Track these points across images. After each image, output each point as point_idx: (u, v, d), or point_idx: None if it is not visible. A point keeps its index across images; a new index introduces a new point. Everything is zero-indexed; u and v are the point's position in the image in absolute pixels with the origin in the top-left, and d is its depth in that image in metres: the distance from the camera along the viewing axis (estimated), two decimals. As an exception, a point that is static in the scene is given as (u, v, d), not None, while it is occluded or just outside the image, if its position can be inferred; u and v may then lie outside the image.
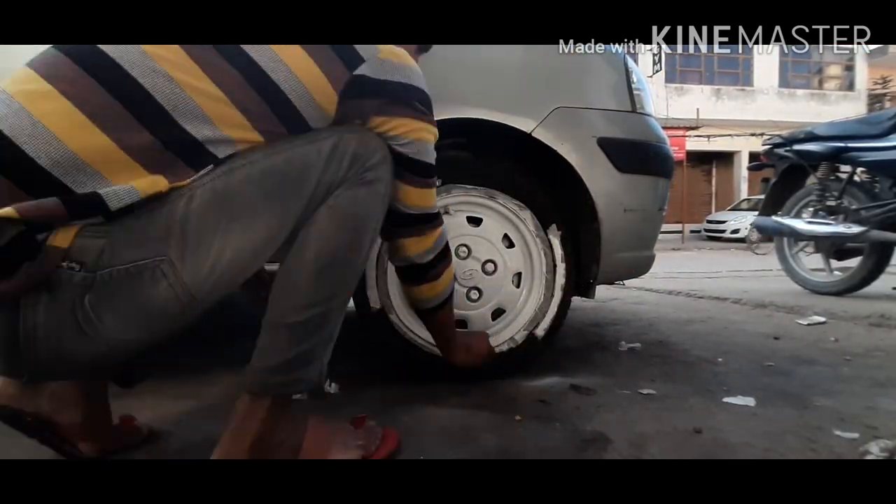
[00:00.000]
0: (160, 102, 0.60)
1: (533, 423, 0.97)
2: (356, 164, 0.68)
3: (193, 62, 0.61)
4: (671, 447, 0.86)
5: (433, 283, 0.89)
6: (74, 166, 0.56)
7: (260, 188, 0.64)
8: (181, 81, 0.60)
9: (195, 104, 0.61)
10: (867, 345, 1.62)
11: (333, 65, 0.67)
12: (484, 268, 1.21)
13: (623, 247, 1.29)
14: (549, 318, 1.25)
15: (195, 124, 0.61)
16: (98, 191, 0.56)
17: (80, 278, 0.57)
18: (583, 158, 1.20)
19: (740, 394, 1.11)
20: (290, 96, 0.65)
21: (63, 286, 0.56)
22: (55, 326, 0.57)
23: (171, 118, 0.60)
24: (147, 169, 0.59)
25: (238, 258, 0.63)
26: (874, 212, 2.59)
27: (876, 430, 0.92)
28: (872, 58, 16.20)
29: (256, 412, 0.71)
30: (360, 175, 0.69)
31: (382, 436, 0.84)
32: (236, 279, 0.65)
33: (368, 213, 0.71)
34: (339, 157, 0.67)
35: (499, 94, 1.17)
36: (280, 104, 0.65)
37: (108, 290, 0.58)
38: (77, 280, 0.57)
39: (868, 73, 17.05)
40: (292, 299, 0.69)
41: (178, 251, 0.60)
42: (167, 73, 0.60)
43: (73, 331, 0.58)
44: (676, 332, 1.83)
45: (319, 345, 0.72)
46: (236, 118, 0.63)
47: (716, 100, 16.07)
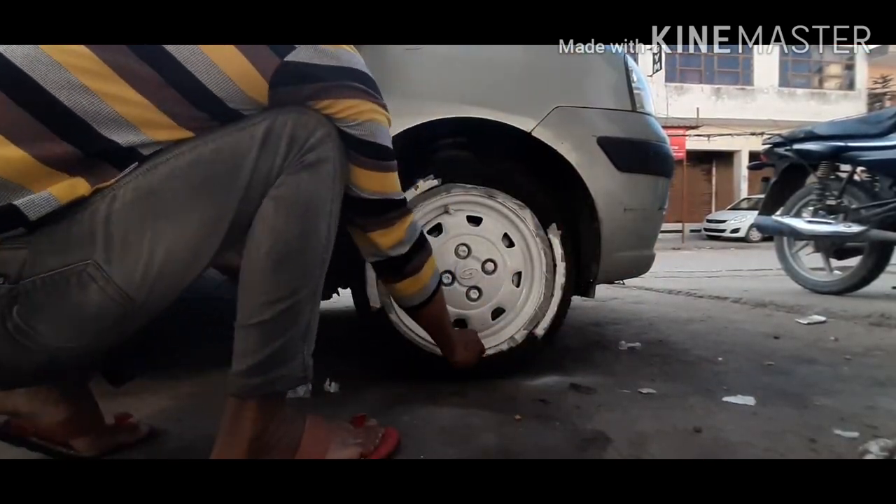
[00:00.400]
0: (80, 116, 0.57)
1: (533, 422, 0.97)
2: (294, 147, 0.65)
3: (108, 67, 0.58)
4: (671, 447, 0.86)
5: (414, 278, 0.87)
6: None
7: (187, 182, 0.61)
8: (99, 91, 0.57)
9: (117, 113, 0.58)
10: (867, 344, 1.62)
11: (261, 53, 0.63)
12: (484, 267, 1.21)
13: (623, 246, 1.29)
14: (549, 318, 1.25)
15: (119, 132, 0.58)
16: (14, 202, 0.54)
17: (4, 290, 0.56)
18: (583, 157, 1.20)
19: (740, 393, 1.11)
20: (214, 91, 0.61)
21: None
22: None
23: (93, 130, 0.57)
24: (68, 173, 0.57)
25: (174, 257, 0.61)
26: (874, 211, 2.59)
27: (876, 429, 0.92)
28: (872, 57, 16.18)
29: (245, 414, 0.70)
30: (301, 158, 0.66)
31: (383, 435, 0.84)
32: (180, 278, 0.63)
33: (317, 197, 0.67)
34: (275, 140, 0.64)
35: (499, 94, 1.17)
36: (205, 100, 0.61)
37: (36, 299, 0.57)
38: (2, 293, 0.56)
39: (868, 73, 17.04)
40: (254, 298, 0.67)
41: (105, 253, 0.58)
42: (83, 85, 0.57)
43: (6, 342, 0.57)
44: (676, 332, 1.83)
45: (295, 339, 0.70)
46: (162, 120, 0.60)
47: (716, 99, 16.06)
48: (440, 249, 1.19)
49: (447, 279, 1.20)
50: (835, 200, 2.75)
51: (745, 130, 15.21)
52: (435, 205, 1.21)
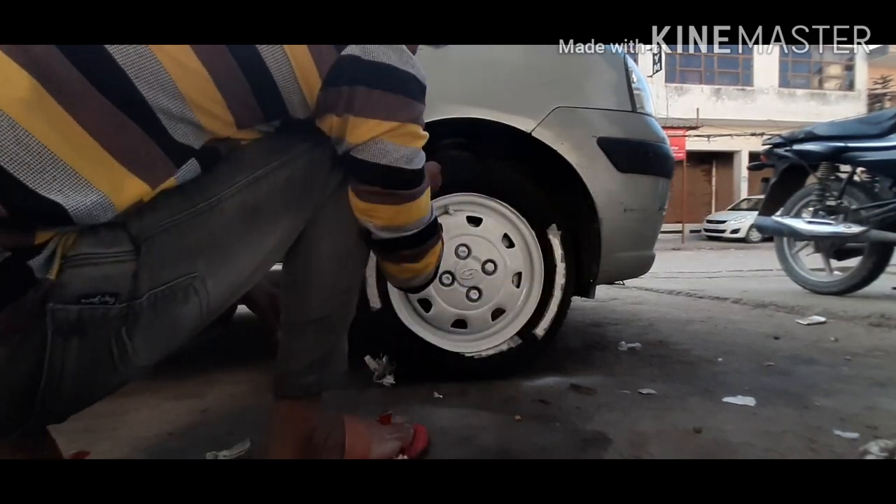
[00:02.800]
0: (120, 64, 0.47)
1: (533, 422, 0.97)
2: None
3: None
4: (671, 447, 0.86)
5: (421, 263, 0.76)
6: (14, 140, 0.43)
7: (283, 198, 0.62)
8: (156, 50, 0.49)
9: (161, 66, 0.49)
10: (867, 345, 1.62)
11: (322, 48, 0.57)
12: (484, 267, 1.21)
13: (623, 246, 1.29)
14: (549, 318, 1.25)
15: (159, 94, 0.49)
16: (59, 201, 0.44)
17: (116, 312, 0.49)
18: (583, 158, 1.20)
19: (740, 393, 1.12)
20: (272, 71, 0.55)
21: (97, 324, 0.48)
22: (87, 369, 0.50)
23: (130, 83, 0.48)
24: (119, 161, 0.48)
25: (257, 267, 0.61)
26: (874, 212, 2.59)
27: (876, 429, 0.92)
28: (872, 57, 16.18)
29: (296, 414, 0.72)
30: None
31: (414, 431, 0.86)
32: (248, 287, 0.63)
33: None
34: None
35: (499, 94, 1.17)
36: (261, 78, 0.55)
37: (145, 317, 0.52)
38: (114, 314, 0.49)
39: (868, 73, 17.04)
40: (314, 296, 0.69)
41: (207, 265, 0.56)
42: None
43: (105, 368, 0.52)
44: (676, 332, 1.83)
45: (342, 335, 0.74)
46: (208, 89, 0.52)
47: (716, 99, 16.06)
48: (440, 250, 1.19)
49: (447, 279, 1.20)
50: (835, 201, 2.75)
51: (745, 131, 15.21)
52: (435, 205, 1.20)
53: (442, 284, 1.20)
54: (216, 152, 0.57)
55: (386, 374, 1.21)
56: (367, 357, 1.24)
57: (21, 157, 0.42)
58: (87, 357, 0.49)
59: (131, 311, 0.50)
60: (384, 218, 0.65)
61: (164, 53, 0.49)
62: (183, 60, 0.50)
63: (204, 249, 0.55)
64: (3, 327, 0.44)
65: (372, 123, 0.59)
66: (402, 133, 0.61)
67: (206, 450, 0.84)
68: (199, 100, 0.52)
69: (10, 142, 0.42)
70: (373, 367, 1.23)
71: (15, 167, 0.42)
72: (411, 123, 0.62)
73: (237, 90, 0.53)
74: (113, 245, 0.49)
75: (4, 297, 0.43)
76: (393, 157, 0.61)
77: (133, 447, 0.88)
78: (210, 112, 0.53)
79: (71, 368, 0.48)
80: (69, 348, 0.48)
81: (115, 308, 0.49)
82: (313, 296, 0.69)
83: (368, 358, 1.24)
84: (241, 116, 0.56)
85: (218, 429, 0.94)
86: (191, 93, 0.51)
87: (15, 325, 0.44)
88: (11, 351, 0.45)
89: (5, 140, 0.42)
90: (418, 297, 1.21)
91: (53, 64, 0.45)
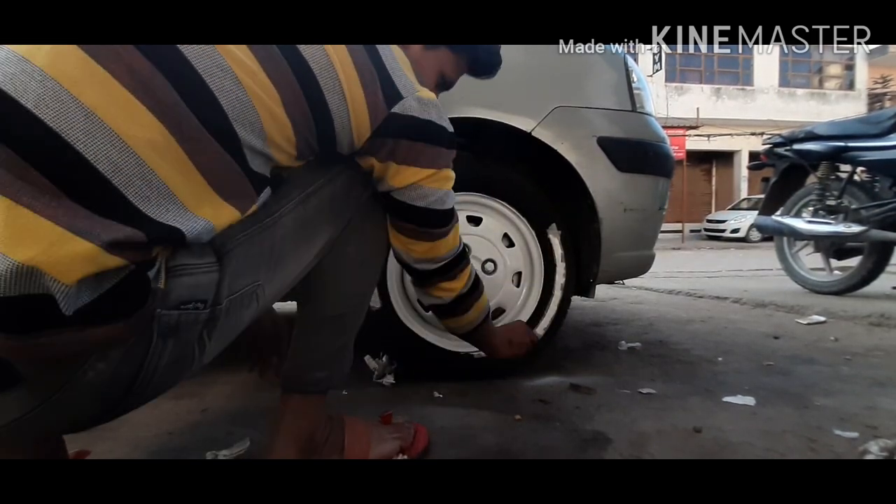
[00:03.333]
0: (225, 110, 0.52)
1: (533, 422, 0.97)
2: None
3: (258, 64, 0.55)
4: (671, 447, 0.86)
5: (463, 317, 0.83)
6: (139, 176, 0.46)
7: (330, 213, 0.68)
8: (247, 86, 0.54)
9: (256, 114, 0.55)
10: (867, 344, 1.62)
11: (377, 99, 0.63)
12: (484, 267, 1.21)
13: (623, 246, 1.29)
14: (548, 318, 1.25)
15: (250, 134, 0.55)
16: (178, 226, 0.49)
17: (205, 316, 0.55)
18: (583, 158, 1.20)
19: (740, 393, 1.12)
20: (335, 121, 0.61)
21: (189, 327, 0.54)
22: (171, 367, 0.55)
23: (232, 127, 0.53)
24: (218, 193, 0.53)
25: (300, 274, 0.67)
26: (874, 211, 2.59)
27: (876, 429, 0.92)
28: (872, 57, 16.18)
29: (304, 409, 0.75)
30: None
31: (415, 431, 0.86)
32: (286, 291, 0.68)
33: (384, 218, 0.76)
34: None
35: (499, 94, 1.17)
36: (327, 141, 0.63)
37: (221, 321, 0.57)
38: (203, 318, 0.55)
39: (868, 73, 17.03)
40: (335, 293, 0.73)
41: (267, 273, 0.62)
42: (234, 74, 0.53)
43: (185, 366, 0.57)
44: (676, 332, 1.83)
45: (352, 337, 0.77)
46: (290, 150, 0.60)
47: (716, 99, 16.05)
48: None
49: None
50: (835, 200, 2.75)
51: (745, 130, 15.21)
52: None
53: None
54: (281, 178, 0.63)
55: (386, 374, 1.21)
56: (367, 357, 1.24)
57: (144, 192, 0.47)
58: (175, 356, 0.54)
59: (213, 315, 0.56)
60: (419, 252, 0.74)
61: (260, 103, 0.55)
62: (272, 108, 0.56)
63: (266, 260, 0.61)
64: (128, 332, 0.48)
65: (413, 171, 0.67)
66: (437, 178, 0.69)
67: (206, 450, 0.84)
68: (278, 140, 0.58)
69: (136, 178, 0.46)
70: (373, 367, 1.23)
71: (139, 200, 0.46)
72: (445, 169, 0.71)
73: (307, 134, 0.60)
74: (202, 257, 0.54)
75: (134, 305, 0.48)
76: (430, 200, 0.70)
77: (133, 447, 0.88)
78: (282, 149, 0.59)
79: (162, 367, 0.53)
80: (165, 349, 0.53)
81: (204, 313, 0.55)
82: (334, 294, 0.73)
83: (368, 358, 1.24)
84: (303, 152, 0.62)
85: (218, 429, 0.95)
86: (273, 134, 0.57)
87: (137, 329, 0.49)
88: (125, 353, 0.50)
89: (132, 175, 0.46)
90: (418, 297, 1.21)
91: (178, 110, 0.49)
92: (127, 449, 0.87)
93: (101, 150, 0.44)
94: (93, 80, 0.46)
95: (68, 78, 0.45)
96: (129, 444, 0.89)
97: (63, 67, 0.45)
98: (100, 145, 0.44)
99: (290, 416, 0.74)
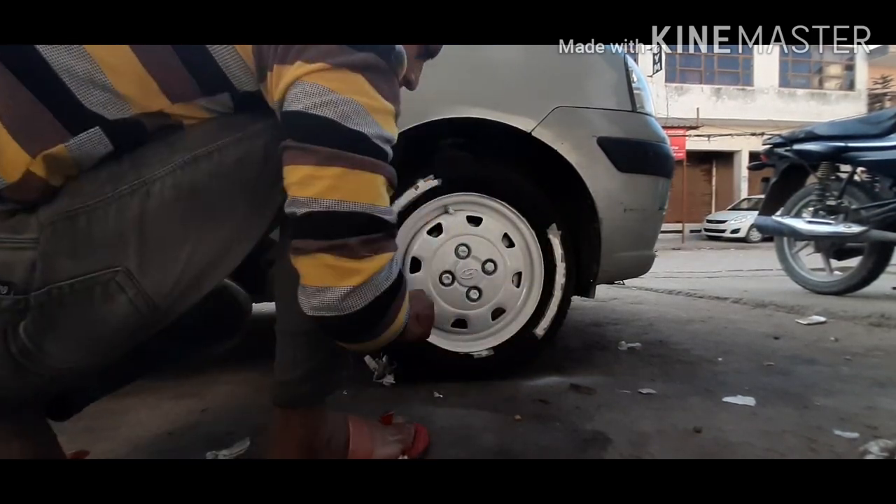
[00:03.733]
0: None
1: (533, 422, 0.97)
2: None
3: None
4: (671, 446, 0.86)
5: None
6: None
7: (236, 181, 0.53)
8: None
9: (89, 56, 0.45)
10: (867, 344, 1.62)
11: None
12: (484, 267, 1.21)
13: (623, 246, 1.29)
14: (549, 318, 1.25)
15: (79, 82, 0.45)
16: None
17: (9, 303, 0.45)
18: (583, 158, 1.20)
19: (740, 393, 1.11)
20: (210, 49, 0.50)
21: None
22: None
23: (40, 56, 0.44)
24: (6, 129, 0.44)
25: (215, 259, 0.54)
26: (874, 211, 2.59)
27: (876, 429, 0.92)
28: (872, 57, 16.17)
29: (294, 422, 0.70)
30: None
31: (416, 431, 0.85)
32: (209, 284, 0.55)
33: None
34: None
35: (499, 94, 1.17)
36: (192, 49, 0.50)
37: (49, 314, 0.47)
38: (5, 305, 0.45)
39: (868, 73, 17.03)
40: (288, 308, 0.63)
41: (137, 258, 0.49)
42: None
43: (6, 367, 0.48)
44: (676, 332, 1.83)
45: (333, 349, 0.67)
46: (148, 84, 0.48)
47: (716, 99, 16.05)
48: (440, 249, 1.19)
49: (447, 279, 1.20)
50: (835, 201, 2.75)
51: (745, 130, 15.21)
52: (435, 205, 1.21)
53: (442, 284, 1.20)
54: (139, 127, 0.50)
55: (386, 374, 1.21)
56: (367, 357, 1.24)
57: None
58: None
59: (26, 304, 0.46)
60: (291, 181, 0.51)
61: None
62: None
63: (131, 240, 0.49)
64: None
65: (297, 66, 0.49)
66: (329, 75, 0.49)
67: (206, 450, 0.84)
68: (111, 59, 0.46)
69: None
70: (373, 367, 1.23)
71: None
72: (346, 69, 0.50)
73: (156, 50, 0.47)
74: (21, 232, 0.46)
75: None
76: (310, 102, 0.49)
77: (133, 447, 0.88)
78: (125, 74, 0.47)
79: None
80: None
81: (7, 299, 0.45)
82: (287, 309, 0.64)
83: (368, 358, 1.24)
84: (170, 85, 0.49)
85: (218, 429, 0.94)
86: (99, 52, 0.45)
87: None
88: None
89: None
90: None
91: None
92: (127, 449, 0.87)
93: None
94: None
95: None
96: (129, 444, 0.89)
97: None
98: None
99: (280, 429, 0.71)
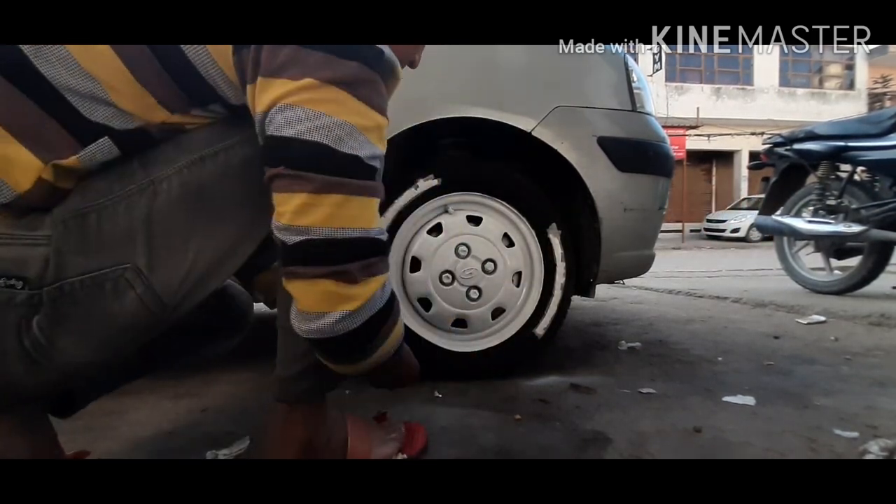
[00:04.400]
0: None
1: (533, 422, 0.97)
2: None
3: None
4: (671, 446, 0.86)
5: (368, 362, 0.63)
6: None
7: (242, 180, 0.54)
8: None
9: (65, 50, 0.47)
10: (867, 344, 1.62)
11: None
12: (484, 267, 1.21)
13: (623, 246, 1.29)
14: (549, 317, 1.25)
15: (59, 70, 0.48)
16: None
17: (23, 297, 0.47)
18: (583, 157, 1.20)
19: (740, 393, 1.12)
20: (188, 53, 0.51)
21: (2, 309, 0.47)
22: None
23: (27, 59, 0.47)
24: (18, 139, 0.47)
25: (223, 256, 0.55)
26: (874, 211, 2.59)
27: (876, 429, 0.92)
28: (872, 57, 16.17)
29: (295, 419, 0.70)
30: None
31: (412, 430, 0.85)
32: (216, 283, 0.57)
33: None
34: None
35: (499, 93, 1.17)
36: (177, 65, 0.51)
37: (61, 309, 0.48)
38: (20, 300, 0.47)
39: (868, 73, 17.03)
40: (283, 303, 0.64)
41: (146, 257, 0.51)
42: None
43: (20, 361, 0.49)
44: (676, 332, 1.83)
45: None
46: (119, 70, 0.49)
47: (716, 99, 16.05)
48: (440, 249, 1.19)
49: (447, 279, 1.20)
50: (835, 200, 2.75)
51: (745, 130, 15.21)
52: (435, 204, 1.21)
53: (442, 284, 1.20)
54: (146, 134, 0.52)
55: None
56: None
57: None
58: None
59: (40, 299, 0.48)
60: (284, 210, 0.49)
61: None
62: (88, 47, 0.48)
63: (140, 238, 0.50)
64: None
65: (280, 83, 0.47)
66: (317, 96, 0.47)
67: (206, 449, 0.84)
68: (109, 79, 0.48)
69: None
70: None
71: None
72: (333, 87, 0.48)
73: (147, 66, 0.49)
74: (35, 229, 0.48)
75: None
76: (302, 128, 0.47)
77: (133, 446, 0.88)
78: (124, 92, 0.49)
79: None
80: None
81: (21, 294, 0.47)
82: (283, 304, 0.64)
83: None
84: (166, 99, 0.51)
85: (217, 428, 0.94)
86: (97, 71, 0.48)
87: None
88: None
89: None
90: (418, 297, 1.21)
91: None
92: (127, 449, 0.87)
93: None
94: None
95: None
96: (129, 443, 0.89)
97: None
98: None
99: (278, 425, 0.71)
